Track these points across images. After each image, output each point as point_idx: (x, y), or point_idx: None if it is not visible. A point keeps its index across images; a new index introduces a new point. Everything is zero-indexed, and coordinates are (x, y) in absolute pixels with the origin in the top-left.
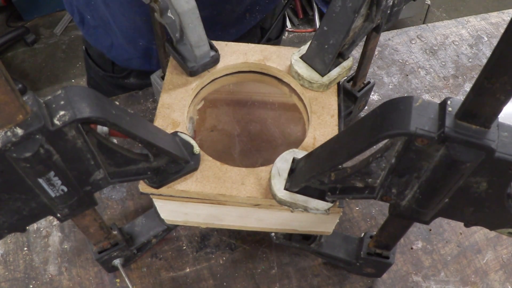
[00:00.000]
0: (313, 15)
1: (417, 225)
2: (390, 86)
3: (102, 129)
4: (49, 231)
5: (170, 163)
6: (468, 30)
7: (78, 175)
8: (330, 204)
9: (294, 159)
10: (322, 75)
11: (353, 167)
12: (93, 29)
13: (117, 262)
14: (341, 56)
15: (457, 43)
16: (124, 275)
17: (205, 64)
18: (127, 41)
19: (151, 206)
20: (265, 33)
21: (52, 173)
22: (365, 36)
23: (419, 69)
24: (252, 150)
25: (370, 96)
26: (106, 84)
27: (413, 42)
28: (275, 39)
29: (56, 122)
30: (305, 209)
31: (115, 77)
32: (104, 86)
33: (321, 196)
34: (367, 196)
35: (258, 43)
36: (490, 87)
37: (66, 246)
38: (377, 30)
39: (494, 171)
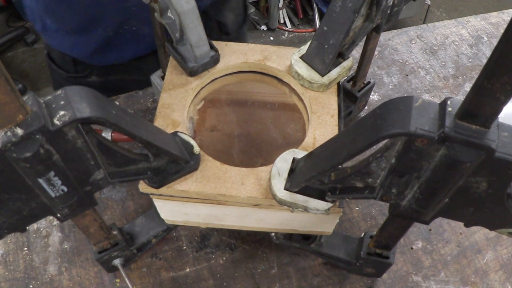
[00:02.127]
0: (313, 15)
1: (417, 225)
2: (390, 86)
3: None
4: (49, 231)
5: (170, 163)
6: (468, 30)
7: (78, 175)
8: (330, 204)
9: (294, 159)
10: (322, 75)
11: (353, 167)
12: (55, 33)
13: (117, 262)
14: (341, 56)
15: (457, 43)
16: (124, 275)
17: (205, 64)
18: (86, 34)
19: (151, 206)
20: (223, 27)
21: (52, 173)
22: (365, 36)
23: (419, 69)
24: (252, 150)
25: (370, 96)
26: (70, 85)
27: (413, 42)
28: (235, 34)
29: (56, 122)
30: (305, 209)
31: (78, 77)
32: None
33: (321, 196)
34: (367, 196)
35: (217, 38)
36: (490, 87)
37: (66, 246)
38: (377, 30)
39: (494, 171)
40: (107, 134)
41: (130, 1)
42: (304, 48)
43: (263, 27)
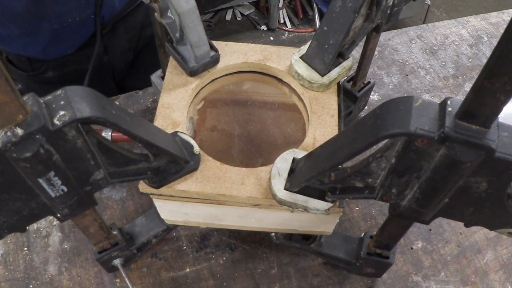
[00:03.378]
0: (313, 15)
1: (417, 225)
2: (390, 86)
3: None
4: (49, 231)
5: (170, 163)
6: (468, 30)
7: (78, 175)
8: (330, 204)
9: (294, 159)
10: (322, 75)
11: (353, 167)
12: (8, 38)
13: (117, 262)
14: (341, 56)
15: (457, 43)
16: (124, 275)
17: (205, 64)
18: (34, 32)
19: (151, 206)
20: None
21: (52, 173)
22: (365, 36)
23: (419, 69)
24: (252, 150)
25: (370, 96)
26: (32, 83)
27: (413, 42)
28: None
29: (56, 122)
30: (305, 209)
31: (35, 75)
32: (31, 86)
33: (321, 196)
34: (367, 196)
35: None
36: (490, 87)
37: (66, 246)
38: (377, 30)
39: (494, 171)
40: (107, 134)
41: None
42: (304, 48)
43: (263, 27)
